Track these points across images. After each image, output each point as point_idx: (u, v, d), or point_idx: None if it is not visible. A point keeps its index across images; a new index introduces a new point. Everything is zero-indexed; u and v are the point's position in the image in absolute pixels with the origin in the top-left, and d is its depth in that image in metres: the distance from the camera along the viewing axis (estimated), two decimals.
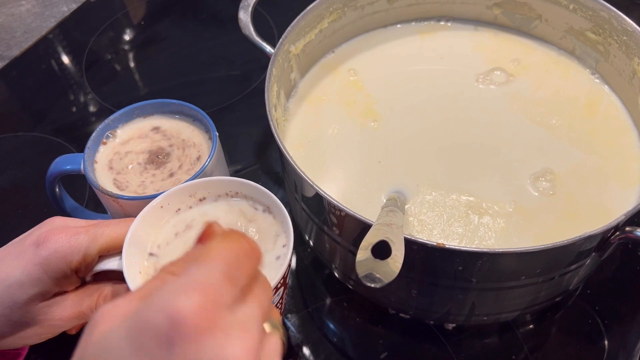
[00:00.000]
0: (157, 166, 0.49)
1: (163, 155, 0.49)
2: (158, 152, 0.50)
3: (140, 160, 0.49)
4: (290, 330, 0.52)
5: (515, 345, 0.51)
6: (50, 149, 0.68)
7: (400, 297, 0.47)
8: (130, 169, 0.49)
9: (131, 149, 0.50)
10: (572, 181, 0.49)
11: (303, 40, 0.56)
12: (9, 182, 0.66)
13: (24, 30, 0.84)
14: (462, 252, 0.38)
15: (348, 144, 0.53)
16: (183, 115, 0.52)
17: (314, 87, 0.58)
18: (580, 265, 0.43)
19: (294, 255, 0.57)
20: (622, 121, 0.53)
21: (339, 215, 0.42)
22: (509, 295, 0.44)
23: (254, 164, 0.65)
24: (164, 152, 0.50)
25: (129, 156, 0.49)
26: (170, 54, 0.80)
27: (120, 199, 0.45)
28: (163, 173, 0.49)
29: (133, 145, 0.50)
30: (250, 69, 0.75)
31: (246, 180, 0.44)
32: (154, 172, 0.49)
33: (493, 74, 0.58)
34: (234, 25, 0.57)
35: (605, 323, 0.52)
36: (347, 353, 0.51)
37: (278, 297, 0.41)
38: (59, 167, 0.48)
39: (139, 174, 0.48)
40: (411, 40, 0.62)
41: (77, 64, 0.79)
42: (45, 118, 0.72)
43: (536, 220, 0.47)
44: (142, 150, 0.50)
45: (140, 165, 0.49)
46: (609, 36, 0.53)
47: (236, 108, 0.71)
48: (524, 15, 0.59)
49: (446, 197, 0.48)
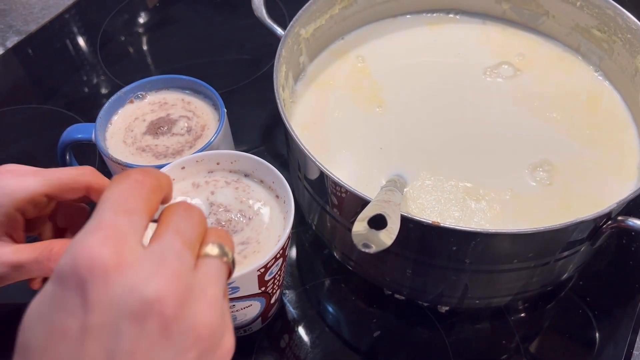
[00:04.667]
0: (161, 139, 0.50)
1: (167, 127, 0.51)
2: (167, 123, 0.51)
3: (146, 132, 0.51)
4: (287, 306, 0.53)
5: (506, 332, 0.52)
6: (62, 121, 0.70)
7: (396, 277, 0.48)
8: (137, 139, 0.50)
9: (141, 120, 0.51)
10: (569, 173, 0.50)
11: (313, 25, 0.57)
12: (21, 152, 0.68)
13: (41, 7, 0.85)
14: (456, 231, 0.39)
15: (352, 128, 0.54)
16: (193, 91, 0.53)
17: (322, 71, 0.59)
18: (573, 253, 0.44)
19: (295, 236, 0.59)
20: (622, 117, 0.54)
21: (340, 193, 0.43)
22: (502, 279, 0.45)
23: (260, 146, 0.66)
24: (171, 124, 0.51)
25: (137, 127, 0.51)
26: (183, 36, 0.81)
27: (129, 167, 0.47)
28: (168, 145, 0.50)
29: (143, 116, 0.52)
30: (260, 53, 0.77)
31: (251, 155, 0.45)
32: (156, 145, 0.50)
33: (501, 67, 0.59)
34: (246, 10, 0.58)
35: (597, 315, 0.53)
36: (340, 330, 0.52)
37: (277, 268, 0.42)
38: (71, 136, 0.50)
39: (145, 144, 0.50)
40: (420, 31, 0.63)
41: (92, 44, 0.80)
42: (57, 92, 0.74)
43: (532, 208, 0.48)
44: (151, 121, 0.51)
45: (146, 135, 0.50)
46: (614, 34, 0.54)
47: (245, 91, 0.72)
48: (531, 11, 0.60)
49: (445, 182, 0.49)
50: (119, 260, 0.23)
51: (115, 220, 0.24)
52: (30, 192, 0.38)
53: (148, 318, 0.22)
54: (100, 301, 0.22)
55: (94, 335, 0.22)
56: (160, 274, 0.23)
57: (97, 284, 0.22)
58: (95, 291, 0.22)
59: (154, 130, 0.51)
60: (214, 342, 0.24)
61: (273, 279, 0.43)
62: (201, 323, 0.24)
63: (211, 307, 0.24)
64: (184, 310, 0.23)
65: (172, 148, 0.50)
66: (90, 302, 0.22)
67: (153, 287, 0.22)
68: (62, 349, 0.22)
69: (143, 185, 0.26)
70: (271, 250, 0.40)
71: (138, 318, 0.22)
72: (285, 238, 0.41)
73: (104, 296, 0.22)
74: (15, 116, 0.72)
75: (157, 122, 0.51)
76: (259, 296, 0.44)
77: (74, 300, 0.22)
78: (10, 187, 0.37)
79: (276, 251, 0.40)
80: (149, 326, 0.22)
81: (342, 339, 0.52)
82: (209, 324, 0.24)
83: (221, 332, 0.25)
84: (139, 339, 0.22)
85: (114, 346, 0.22)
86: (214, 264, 0.26)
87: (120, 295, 0.22)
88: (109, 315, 0.22)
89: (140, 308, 0.22)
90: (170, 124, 0.51)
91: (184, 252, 0.25)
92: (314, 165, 0.43)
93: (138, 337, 0.22)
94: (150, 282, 0.23)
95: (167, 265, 0.23)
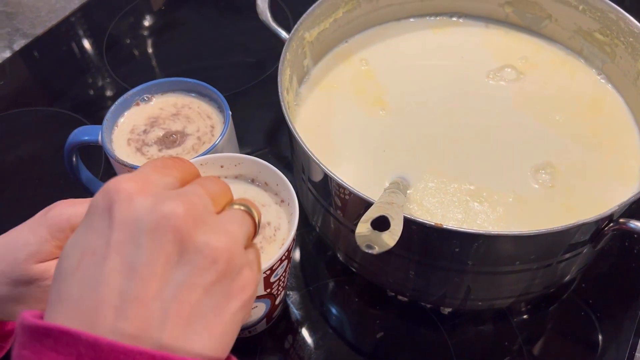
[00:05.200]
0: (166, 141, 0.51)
1: (172, 130, 0.51)
2: (170, 126, 0.51)
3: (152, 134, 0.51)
4: (290, 308, 0.54)
5: (509, 334, 0.52)
6: (68, 124, 0.71)
7: (399, 278, 0.49)
8: (143, 141, 0.51)
9: (146, 123, 0.52)
10: (571, 175, 0.50)
11: (317, 28, 0.57)
12: (27, 154, 0.68)
13: (48, 10, 0.86)
14: (459, 233, 0.40)
15: (355, 130, 0.55)
16: (198, 94, 0.54)
17: (326, 74, 0.60)
18: (574, 255, 0.45)
19: (298, 238, 0.59)
20: (624, 120, 0.54)
21: (344, 195, 0.43)
22: (504, 281, 0.46)
23: (264, 148, 0.67)
24: (176, 127, 0.52)
25: (143, 129, 0.51)
26: (188, 39, 0.82)
27: (135, 169, 0.47)
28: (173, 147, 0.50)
29: (149, 119, 0.52)
30: (265, 56, 0.77)
31: (255, 158, 0.45)
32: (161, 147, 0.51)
33: (504, 70, 0.59)
34: (251, 13, 0.59)
35: (599, 317, 0.53)
36: (344, 331, 0.53)
37: (282, 269, 0.43)
38: (78, 138, 0.51)
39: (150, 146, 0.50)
40: (423, 34, 0.63)
41: (98, 47, 0.81)
42: (64, 95, 0.75)
43: (534, 210, 0.48)
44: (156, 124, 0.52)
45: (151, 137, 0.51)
46: (616, 37, 0.55)
47: (249, 93, 0.73)
48: (534, 14, 0.61)
49: (448, 185, 0.50)
50: (143, 189, 0.25)
51: (149, 173, 0.27)
52: None
53: (163, 231, 0.24)
54: (123, 219, 0.24)
55: (116, 249, 0.24)
56: (179, 200, 0.25)
57: (121, 204, 0.25)
58: (119, 210, 0.25)
59: (158, 133, 0.51)
60: (232, 270, 0.26)
61: (278, 281, 0.44)
62: (217, 247, 0.25)
63: (228, 236, 0.26)
64: (197, 230, 0.25)
65: (178, 150, 0.50)
66: (115, 220, 0.25)
67: (170, 206, 0.25)
68: (90, 266, 0.24)
69: (183, 164, 0.29)
70: (277, 252, 0.40)
71: (155, 232, 0.24)
72: (290, 240, 0.41)
73: (126, 214, 0.25)
74: (22, 118, 0.73)
75: (161, 126, 0.52)
76: (264, 298, 0.44)
77: (102, 222, 0.25)
78: (67, 213, 0.41)
79: (282, 253, 0.40)
80: (166, 239, 0.24)
81: (346, 340, 0.52)
82: (226, 249, 0.25)
83: (240, 263, 0.26)
84: (157, 251, 0.24)
85: (134, 259, 0.24)
86: (237, 212, 0.28)
87: (141, 212, 0.25)
88: (130, 231, 0.24)
89: (157, 223, 0.24)
90: (175, 128, 0.52)
91: (205, 196, 0.27)
92: (318, 168, 0.44)
93: (156, 250, 0.24)
94: (169, 203, 0.25)
95: (186, 196, 0.26)
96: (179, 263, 0.25)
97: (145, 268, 0.24)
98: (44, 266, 0.41)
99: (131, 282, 0.24)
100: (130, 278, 0.24)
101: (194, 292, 0.25)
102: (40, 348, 0.24)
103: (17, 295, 0.42)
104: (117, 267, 0.24)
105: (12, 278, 0.41)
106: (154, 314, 0.24)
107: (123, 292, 0.24)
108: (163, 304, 0.24)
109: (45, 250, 0.41)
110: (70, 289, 0.25)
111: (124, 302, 0.24)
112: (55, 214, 0.41)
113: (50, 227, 0.41)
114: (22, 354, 0.24)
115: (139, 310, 0.24)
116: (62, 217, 0.41)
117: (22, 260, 0.40)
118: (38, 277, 0.41)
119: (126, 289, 0.24)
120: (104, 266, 0.24)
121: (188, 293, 0.25)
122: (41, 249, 0.41)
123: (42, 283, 0.41)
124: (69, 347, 0.23)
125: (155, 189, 0.26)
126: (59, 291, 0.25)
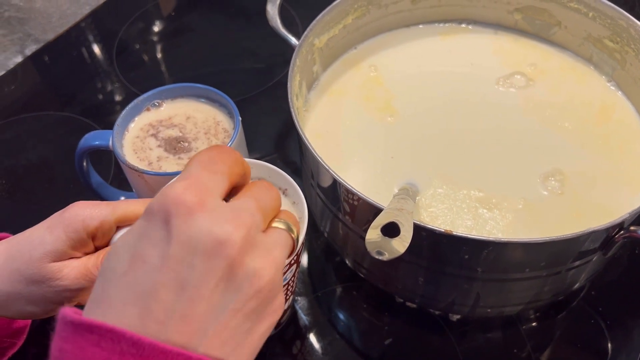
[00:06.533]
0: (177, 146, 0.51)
1: (183, 135, 0.51)
2: (181, 132, 0.52)
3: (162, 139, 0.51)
4: (298, 313, 0.54)
5: (518, 342, 0.52)
6: (78, 128, 0.71)
7: (408, 285, 0.49)
8: (153, 146, 0.51)
9: (157, 128, 0.52)
10: (581, 182, 0.50)
11: (327, 35, 0.58)
12: (38, 158, 0.69)
13: (59, 16, 0.87)
14: (468, 240, 0.40)
15: (364, 136, 0.55)
16: (208, 99, 0.54)
17: (335, 80, 0.60)
18: (584, 262, 0.44)
19: (306, 243, 0.59)
20: (634, 128, 0.54)
21: (353, 200, 0.43)
22: (514, 288, 0.46)
23: (273, 154, 0.67)
24: (187, 132, 0.52)
25: (154, 134, 0.52)
26: (198, 45, 0.82)
27: (146, 174, 0.48)
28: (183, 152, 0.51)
29: (159, 124, 0.53)
30: (274, 62, 0.78)
31: (264, 163, 0.46)
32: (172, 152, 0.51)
33: (513, 77, 0.59)
34: (261, 19, 0.59)
35: (609, 325, 0.52)
36: (352, 337, 0.53)
37: (291, 274, 0.43)
38: (89, 142, 0.51)
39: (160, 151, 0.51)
40: (432, 40, 0.64)
41: (108, 52, 0.82)
42: (74, 99, 0.75)
43: (544, 217, 0.48)
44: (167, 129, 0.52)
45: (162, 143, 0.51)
46: (626, 44, 0.54)
47: (259, 99, 0.73)
48: (543, 21, 0.61)
49: (457, 191, 0.50)
50: (201, 204, 0.26)
51: (201, 175, 0.27)
52: (101, 220, 0.42)
53: (217, 257, 0.25)
54: (181, 235, 0.25)
55: (170, 265, 0.25)
56: (233, 222, 0.26)
57: (180, 219, 0.25)
58: (178, 226, 0.25)
59: (169, 138, 0.52)
60: (271, 297, 0.27)
61: (287, 286, 0.44)
62: (263, 276, 0.26)
63: (273, 265, 0.27)
64: (248, 257, 0.26)
65: (188, 155, 0.50)
66: (173, 235, 0.25)
67: (225, 230, 0.26)
68: (141, 273, 0.25)
69: (229, 155, 0.30)
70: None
71: (210, 256, 0.25)
72: (299, 245, 0.41)
73: (184, 232, 0.25)
74: (33, 123, 0.73)
75: (172, 131, 0.52)
76: None
77: (159, 232, 0.26)
78: (84, 214, 0.41)
79: (291, 258, 0.40)
80: (218, 264, 0.25)
81: (354, 346, 0.52)
82: (270, 279, 0.27)
83: (277, 291, 0.28)
84: (208, 275, 0.25)
85: (185, 278, 0.25)
86: (282, 233, 0.29)
87: (198, 233, 0.25)
88: (186, 249, 0.25)
89: (212, 247, 0.25)
90: (186, 133, 0.52)
91: (257, 213, 0.28)
92: (327, 173, 0.44)
93: (207, 273, 0.25)
94: (224, 226, 0.26)
95: (240, 217, 0.27)
96: (226, 289, 0.26)
97: (194, 289, 0.25)
98: (58, 266, 0.42)
99: (179, 300, 0.25)
100: (178, 296, 0.25)
101: (235, 318, 0.26)
102: (83, 343, 0.24)
103: (28, 294, 0.42)
104: (167, 283, 0.25)
105: (25, 276, 0.41)
106: (195, 332, 0.25)
107: (169, 309, 0.25)
108: (205, 324, 0.25)
109: (60, 249, 0.42)
110: (116, 292, 0.25)
111: (168, 319, 0.25)
112: (72, 214, 0.42)
113: (66, 228, 0.41)
114: (63, 347, 0.25)
115: (182, 328, 0.25)
116: (77, 219, 0.42)
117: (36, 258, 0.41)
118: (51, 277, 0.41)
119: (173, 306, 0.25)
120: (155, 278, 0.25)
121: (230, 319, 0.26)
122: (56, 248, 0.41)
123: (54, 283, 0.42)
124: (112, 344, 0.24)
125: (212, 203, 0.26)
126: (104, 291, 0.26)
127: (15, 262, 0.42)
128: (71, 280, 0.42)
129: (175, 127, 0.52)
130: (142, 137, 0.52)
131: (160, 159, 0.50)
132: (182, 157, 0.51)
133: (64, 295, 0.43)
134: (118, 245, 0.27)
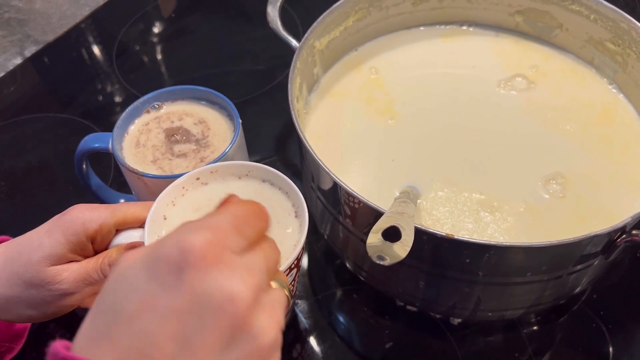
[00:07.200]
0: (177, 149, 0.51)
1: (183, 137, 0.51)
2: (181, 134, 0.52)
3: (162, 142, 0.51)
4: (299, 316, 0.54)
5: (519, 345, 0.52)
6: (78, 130, 0.71)
7: (408, 288, 0.49)
8: (153, 149, 0.51)
9: (157, 130, 0.52)
10: (582, 185, 0.50)
11: (328, 37, 0.57)
12: (37, 160, 0.69)
13: (59, 17, 0.87)
14: (470, 243, 0.40)
15: (365, 139, 0.55)
16: (209, 102, 0.54)
17: (336, 82, 0.60)
18: (586, 266, 0.44)
19: (306, 246, 0.59)
20: (636, 130, 0.54)
21: (353, 204, 0.43)
22: (515, 292, 0.45)
23: (273, 156, 0.67)
24: (187, 134, 0.52)
25: (154, 137, 0.52)
26: (198, 46, 0.82)
27: (145, 176, 0.47)
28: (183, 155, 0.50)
29: (159, 127, 0.52)
30: (274, 64, 0.77)
31: (265, 166, 0.45)
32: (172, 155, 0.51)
33: (515, 80, 0.59)
34: (261, 21, 0.59)
35: (610, 329, 0.52)
36: (352, 341, 0.52)
37: (291, 278, 0.43)
38: (88, 145, 0.51)
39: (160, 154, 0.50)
40: (433, 43, 0.63)
41: (108, 54, 0.81)
42: (74, 101, 0.75)
43: (545, 221, 0.48)
44: (166, 132, 0.52)
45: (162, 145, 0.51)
46: (628, 47, 0.54)
47: (259, 101, 0.73)
48: (545, 23, 0.61)
49: (458, 194, 0.49)
50: (218, 258, 0.26)
51: (228, 233, 0.27)
52: (100, 224, 0.42)
53: (226, 313, 0.25)
54: (195, 288, 0.25)
55: (179, 317, 0.25)
56: (245, 280, 0.26)
57: (196, 271, 0.25)
58: (193, 277, 0.25)
59: (169, 141, 0.51)
60: (271, 353, 0.27)
61: (287, 289, 0.43)
62: (266, 335, 0.26)
63: (277, 325, 0.27)
64: (254, 316, 0.26)
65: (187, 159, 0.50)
66: (186, 286, 0.25)
67: (237, 286, 0.25)
68: (149, 320, 0.25)
69: (259, 217, 0.30)
70: (286, 260, 0.40)
71: (219, 312, 0.25)
72: (299, 248, 0.41)
73: (199, 284, 0.25)
74: (33, 124, 0.73)
75: (172, 133, 0.52)
76: None
77: (172, 279, 0.25)
78: (83, 217, 0.41)
79: (291, 261, 0.40)
80: (225, 321, 0.25)
81: (354, 349, 0.52)
82: (273, 339, 0.27)
83: (276, 349, 0.28)
84: (214, 330, 0.25)
85: (192, 332, 0.25)
86: (281, 292, 0.30)
87: (212, 288, 0.25)
88: (197, 303, 0.25)
89: (222, 303, 0.25)
90: (186, 135, 0.52)
91: (265, 271, 0.28)
92: (328, 176, 0.44)
93: (214, 329, 0.25)
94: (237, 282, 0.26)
95: (251, 275, 0.27)
96: (229, 345, 0.25)
97: (200, 344, 0.25)
98: (57, 269, 0.42)
99: (183, 353, 0.25)
100: (183, 349, 0.25)
101: None
102: None
103: (27, 297, 0.42)
104: (174, 335, 0.25)
105: (24, 279, 0.41)
106: None
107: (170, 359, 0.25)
108: None
109: (59, 253, 0.42)
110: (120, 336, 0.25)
111: None
112: (71, 217, 0.42)
113: (65, 231, 0.41)
114: None
115: None
116: (77, 222, 0.42)
117: (35, 261, 0.41)
118: (50, 280, 0.41)
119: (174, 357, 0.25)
120: (162, 327, 0.25)
121: None
122: (55, 251, 0.41)
123: (53, 287, 0.42)
124: None
125: (228, 259, 0.26)
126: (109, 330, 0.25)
127: (14, 266, 0.41)
128: (70, 284, 0.42)
129: (175, 129, 0.52)
130: (142, 140, 0.52)
131: (160, 161, 0.50)
132: (181, 160, 0.50)
133: (63, 299, 0.43)
134: (126, 277, 0.26)
